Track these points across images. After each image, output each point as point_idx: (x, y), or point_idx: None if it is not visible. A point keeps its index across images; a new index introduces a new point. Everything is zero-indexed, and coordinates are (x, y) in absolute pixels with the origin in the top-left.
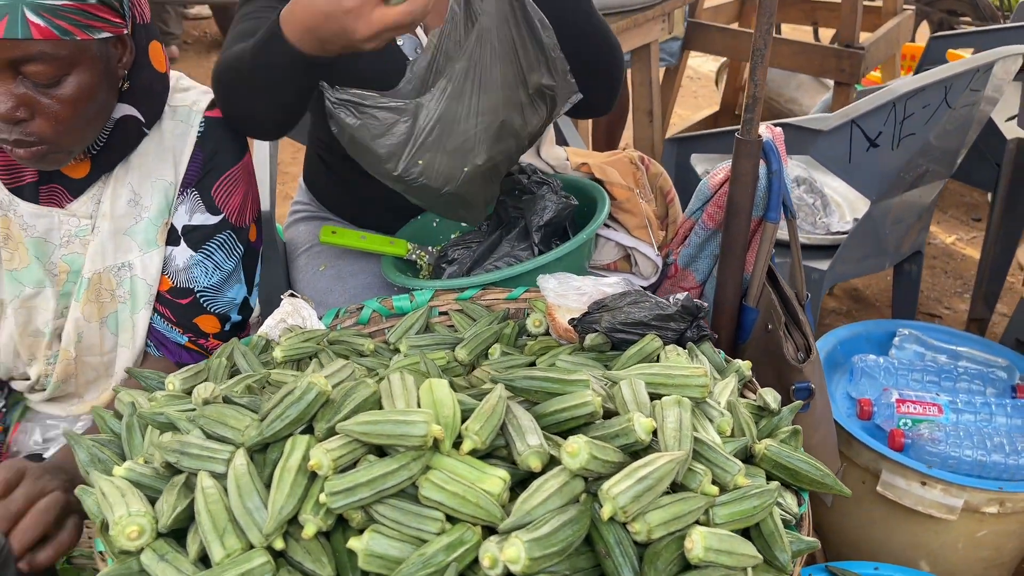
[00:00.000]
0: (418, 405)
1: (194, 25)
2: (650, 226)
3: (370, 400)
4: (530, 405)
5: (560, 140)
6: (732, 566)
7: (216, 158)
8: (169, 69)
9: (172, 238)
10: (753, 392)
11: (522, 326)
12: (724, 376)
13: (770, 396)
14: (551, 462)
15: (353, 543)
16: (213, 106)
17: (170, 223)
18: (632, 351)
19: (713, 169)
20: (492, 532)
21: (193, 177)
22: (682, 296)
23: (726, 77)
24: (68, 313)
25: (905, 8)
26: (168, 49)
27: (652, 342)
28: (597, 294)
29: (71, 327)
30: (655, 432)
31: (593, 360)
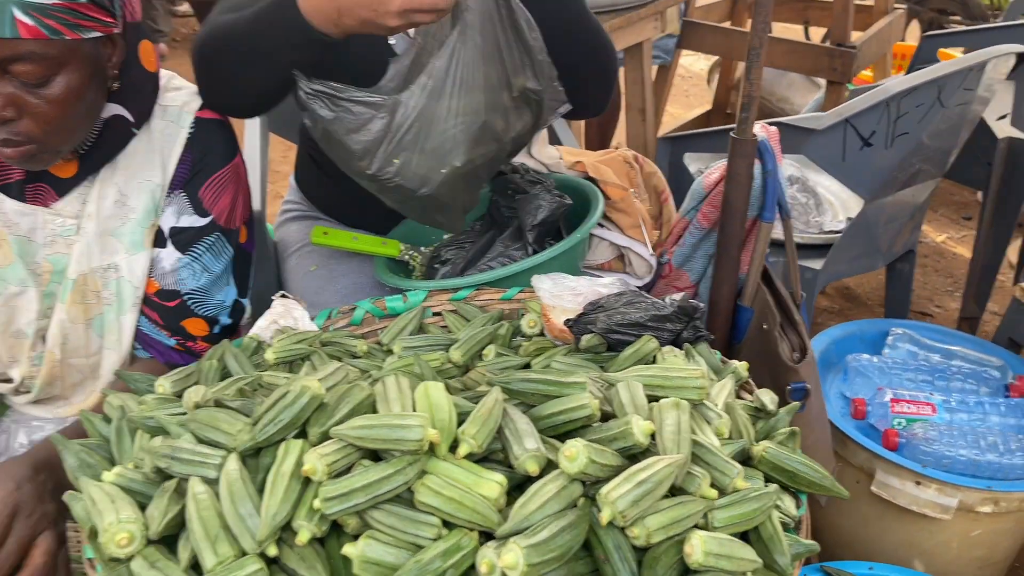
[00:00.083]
0: (413, 408)
1: (183, 22)
2: (644, 225)
3: (364, 403)
4: (527, 408)
5: (553, 139)
6: (732, 571)
7: (205, 159)
8: (159, 68)
9: (159, 240)
10: (749, 393)
11: (517, 327)
12: (721, 377)
13: (767, 397)
14: (548, 466)
15: (348, 549)
16: (204, 107)
17: (157, 225)
18: (628, 352)
19: (707, 168)
20: (489, 537)
21: (181, 179)
22: (678, 297)
23: (718, 76)
24: (53, 314)
25: (896, 7)
26: (157, 47)
27: (648, 343)
28: (592, 294)
29: (56, 328)
30: (653, 435)
31: (589, 361)
